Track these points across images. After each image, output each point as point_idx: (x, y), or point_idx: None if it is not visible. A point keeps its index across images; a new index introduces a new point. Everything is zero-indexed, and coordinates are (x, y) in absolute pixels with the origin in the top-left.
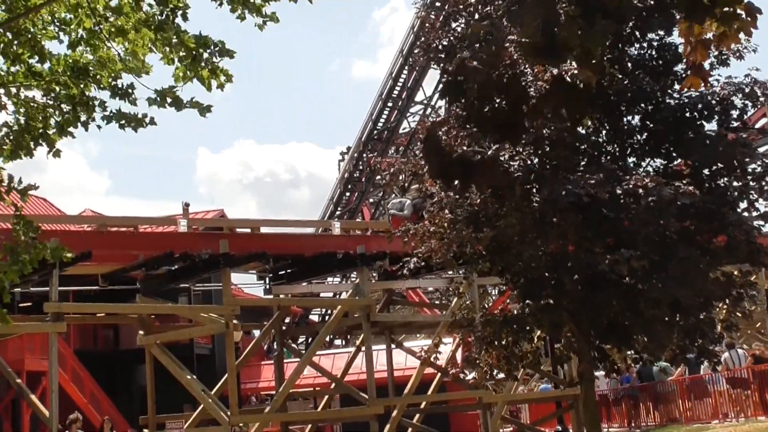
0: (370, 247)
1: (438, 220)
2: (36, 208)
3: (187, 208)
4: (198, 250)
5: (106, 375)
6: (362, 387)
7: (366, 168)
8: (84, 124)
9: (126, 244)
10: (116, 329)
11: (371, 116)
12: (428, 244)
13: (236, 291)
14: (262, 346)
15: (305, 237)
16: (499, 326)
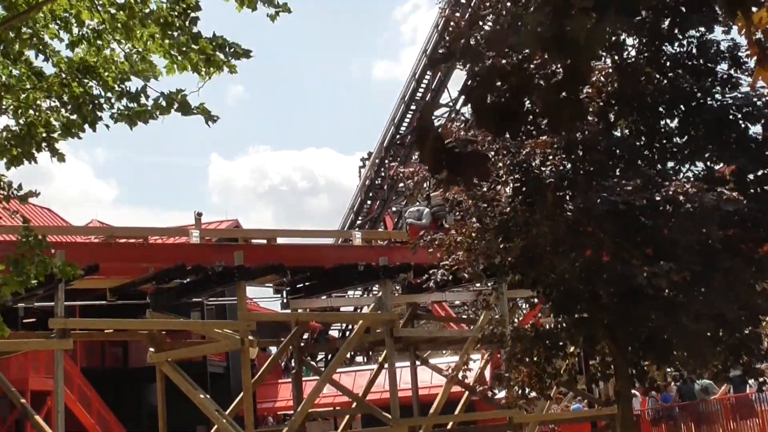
0: (393, 259)
1: (465, 230)
2: (40, 218)
3: (200, 218)
4: (211, 262)
5: (114, 394)
6: (385, 406)
7: (388, 175)
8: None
9: (135, 256)
10: (125, 346)
11: (393, 120)
12: (455, 255)
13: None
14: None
15: (324, 248)
16: (530, 342)
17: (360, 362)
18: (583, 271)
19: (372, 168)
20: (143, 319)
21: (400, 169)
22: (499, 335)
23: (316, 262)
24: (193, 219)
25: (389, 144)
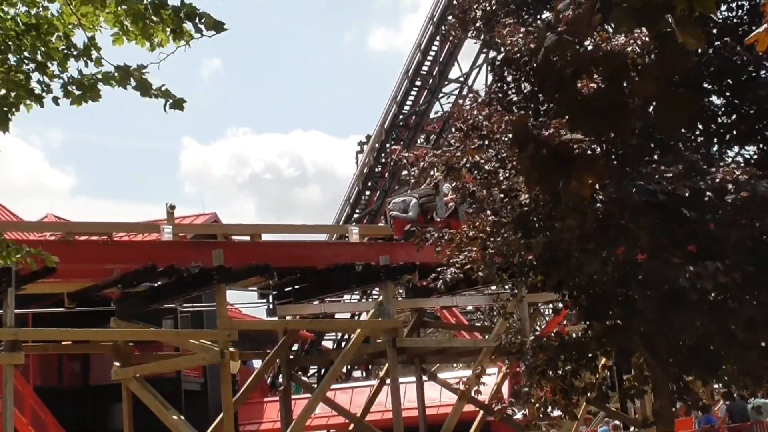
0: (395, 258)
1: (479, 224)
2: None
3: (173, 212)
4: (186, 262)
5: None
6: (387, 428)
7: (390, 161)
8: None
9: (97, 256)
10: (86, 361)
11: (395, 98)
12: (467, 252)
13: (233, 312)
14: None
15: (316, 245)
16: (554, 353)
17: (358, 377)
18: (615, 272)
19: (371, 153)
20: (107, 328)
21: (404, 154)
22: (519, 345)
23: (307, 262)
24: (165, 213)
25: (391, 125)
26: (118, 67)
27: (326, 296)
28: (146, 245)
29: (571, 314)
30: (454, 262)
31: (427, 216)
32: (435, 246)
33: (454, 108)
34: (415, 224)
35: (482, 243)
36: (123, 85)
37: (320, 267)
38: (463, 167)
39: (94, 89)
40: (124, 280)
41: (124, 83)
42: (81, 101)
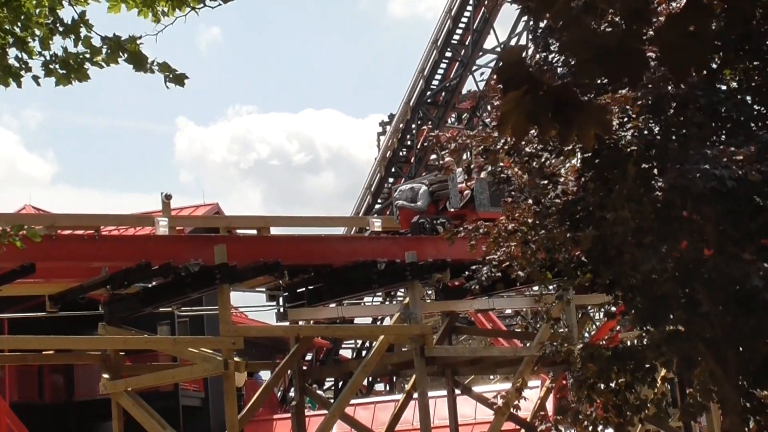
0: (424, 254)
1: (519, 215)
2: None
3: (168, 202)
4: (184, 259)
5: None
6: None
7: (416, 144)
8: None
9: (83, 252)
10: (70, 372)
11: (422, 71)
12: (506, 248)
13: (238, 317)
14: (275, 393)
15: (332, 240)
16: (606, 363)
17: (381, 391)
18: (676, 270)
19: (394, 135)
20: (94, 335)
21: (433, 135)
22: (565, 354)
23: (322, 259)
24: (160, 203)
25: (417, 103)
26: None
27: (344, 298)
28: (139, 240)
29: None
30: (491, 259)
31: (439, 206)
32: (469, 240)
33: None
34: (424, 215)
35: (523, 237)
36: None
37: (337, 265)
38: (500, 150)
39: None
40: (114, 280)
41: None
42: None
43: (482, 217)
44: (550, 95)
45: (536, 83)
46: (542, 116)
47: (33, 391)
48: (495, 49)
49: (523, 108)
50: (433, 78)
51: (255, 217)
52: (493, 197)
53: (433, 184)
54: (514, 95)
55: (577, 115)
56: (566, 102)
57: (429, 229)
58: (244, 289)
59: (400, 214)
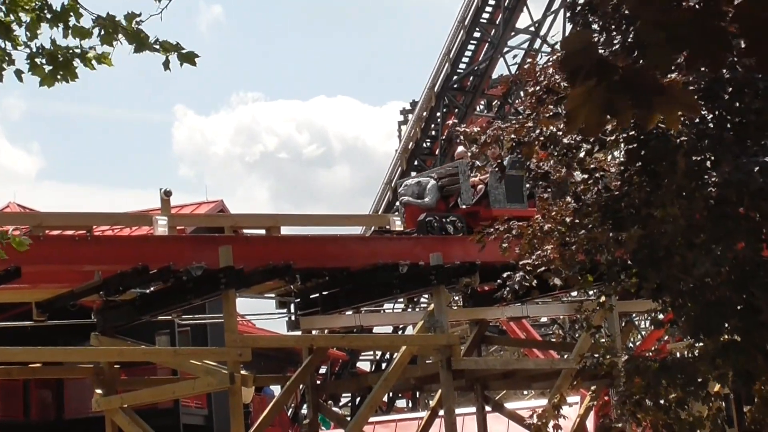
0: (450, 255)
1: (556, 213)
2: None
3: (168, 199)
4: (186, 262)
5: None
6: None
7: (441, 134)
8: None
9: (74, 255)
10: (59, 387)
11: (448, 54)
12: (542, 250)
13: (245, 325)
14: (286, 409)
15: (349, 241)
16: (654, 377)
17: (403, 408)
18: (732, 273)
19: (417, 124)
20: (86, 347)
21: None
22: (608, 367)
23: (338, 262)
24: (159, 200)
25: (443, 88)
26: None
27: (362, 305)
28: (135, 241)
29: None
30: (525, 264)
31: (449, 202)
32: (501, 242)
33: (524, 66)
34: (432, 212)
35: (560, 238)
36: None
37: (354, 268)
38: (535, 141)
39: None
40: (108, 286)
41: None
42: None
43: (497, 215)
44: (626, 79)
45: (609, 69)
46: (620, 103)
47: (18, 408)
48: (528, 29)
49: (596, 99)
50: (459, 61)
51: (263, 216)
52: (509, 193)
53: (443, 178)
54: (581, 91)
55: (658, 98)
56: (645, 85)
57: (437, 228)
58: (252, 295)
59: (405, 212)
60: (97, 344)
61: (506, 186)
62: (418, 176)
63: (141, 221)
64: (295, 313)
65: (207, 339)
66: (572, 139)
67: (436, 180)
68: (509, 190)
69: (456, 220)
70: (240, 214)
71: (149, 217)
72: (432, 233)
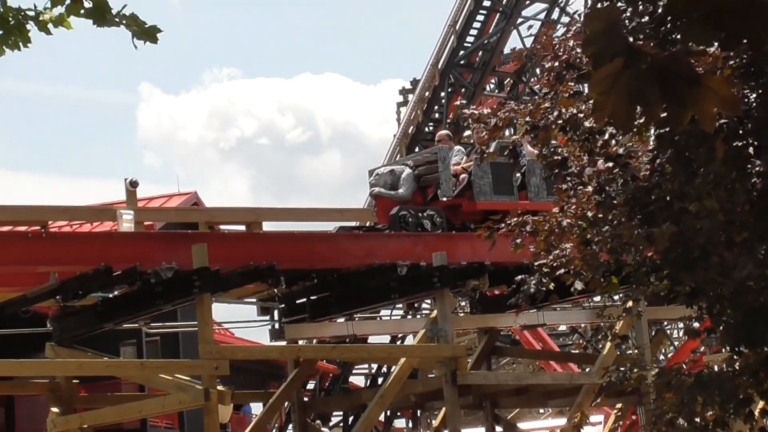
0: (455, 255)
1: (577, 206)
2: None
3: (134, 191)
4: (154, 263)
5: None
6: None
7: (447, 117)
8: None
9: (25, 254)
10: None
11: (453, 25)
12: (560, 248)
13: (222, 335)
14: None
15: (341, 239)
16: (689, 392)
17: (402, 428)
18: None
19: (419, 105)
20: (40, 359)
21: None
22: (636, 381)
23: (328, 262)
24: (123, 192)
25: (448, 65)
26: None
27: (356, 311)
28: (96, 239)
29: (711, 337)
30: (541, 265)
31: (427, 194)
32: (512, 238)
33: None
34: (407, 206)
35: (581, 235)
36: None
37: (347, 269)
38: (553, 124)
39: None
40: (65, 290)
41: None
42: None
43: (481, 209)
44: (656, 68)
45: (636, 54)
46: (651, 95)
47: None
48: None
49: (623, 87)
50: (467, 34)
51: (243, 210)
52: (497, 183)
53: (420, 166)
54: (608, 71)
55: (693, 91)
56: (677, 75)
57: (412, 223)
58: (230, 300)
59: (376, 205)
60: (53, 356)
61: (493, 175)
62: (392, 164)
63: (103, 216)
64: (279, 320)
65: (179, 350)
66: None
67: (412, 168)
68: (496, 180)
69: (434, 215)
70: (216, 207)
71: (112, 211)
72: (406, 229)
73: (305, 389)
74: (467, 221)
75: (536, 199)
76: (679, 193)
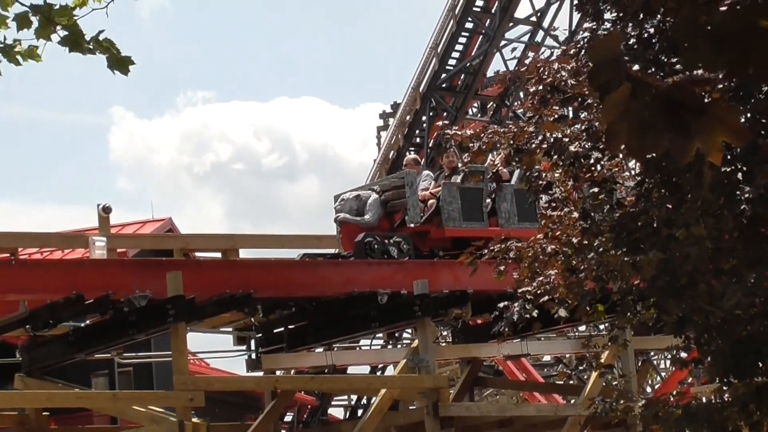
0: (437, 282)
1: (561, 233)
2: None
3: (107, 217)
4: (128, 291)
5: None
6: None
7: (429, 141)
8: None
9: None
10: None
11: (435, 48)
12: (544, 275)
13: (197, 365)
14: None
15: (319, 266)
16: (676, 425)
17: None
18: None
19: (400, 129)
20: (9, 390)
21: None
22: (622, 413)
23: (307, 290)
24: (96, 218)
25: (429, 88)
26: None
27: (335, 340)
28: (68, 266)
29: (699, 368)
30: (525, 292)
31: (394, 220)
32: (495, 265)
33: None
34: (374, 232)
35: (566, 261)
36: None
37: (326, 297)
38: (537, 148)
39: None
40: (35, 319)
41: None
42: None
43: (450, 236)
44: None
45: (640, 85)
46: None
47: None
48: (529, 19)
49: (633, 117)
50: (449, 56)
51: (219, 236)
52: (466, 209)
53: (386, 191)
54: (616, 100)
55: (699, 120)
56: (681, 104)
57: (378, 250)
58: (206, 330)
59: (341, 231)
60: (22, 387)
61: (462, 201)
62: (358, 189)
63: (74, 243)
64: (256, 350)
65: (152, 381)
66: (581, 146)
67: (379, 193)
68: (466, 205)
69: (401, 242)
70: (192, 234)
71: (84, 238)
72: (372, 257)
73: (283, 421)
74: (436, 248)
75: (507, 226)
76: (667, 219)
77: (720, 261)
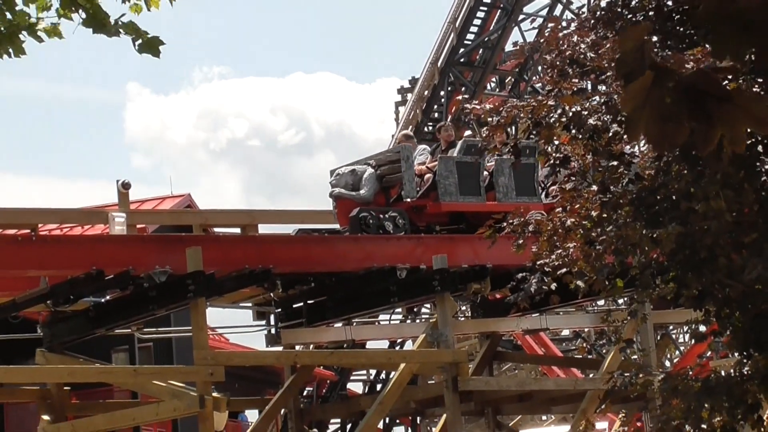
0: (456, 257)
1: (580, 207)
2: None
3: (127, 193)
4: (147, 267)
5: None
6: None
7: (447, 114)
8: None
9: (15, 258)
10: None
11: (453, 23)
12: (563, 248)
13: (216, 340)
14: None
15: (338, 241)
16: (696, 398)
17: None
18: None
19: (418, 104)
20: (31, 365)
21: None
22: (641, 387)
23: (325, 266)
24: (115, 193)
25: (447, 63)
26: None
27: (354, 315)
28: (88, 242)
29: (718, 341)
30: (543, 264)
31: (390, 194)
32: (515, 239)
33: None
34: (369, 207)
35: (585, 235)
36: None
37: (345, 272)
38: (557, 122)
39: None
40: (56, 294)
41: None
42: None
43: (447, 210)
44: (684, 86)
45: (663, 73)
46: (679, 113)
47: None
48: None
49: (655, 105)
50: (467, 31)
51: (238, 212)
52: (463, 183)
53: (382, 166)
54: (638, 88)
55: (722, 109)
56: (705, 93)
57: (373, 225)
58: (225, 305)
59: (336, 206)
60: (43, 362)
61: (459, 175)
62: (353, 163)
63: (94, 218)
64: (275, 325)
65: (172, 356)
66: (600, 119)
67: (375, 168)
68: (463, 180)
69: (397, 216)
70: (211, 210)
71: (104, 214)
72: (367, 232)
73: (302, 396)
74: (432, 223)
75: (505, 200)
76: (686, 192)
77: (740, 234)
